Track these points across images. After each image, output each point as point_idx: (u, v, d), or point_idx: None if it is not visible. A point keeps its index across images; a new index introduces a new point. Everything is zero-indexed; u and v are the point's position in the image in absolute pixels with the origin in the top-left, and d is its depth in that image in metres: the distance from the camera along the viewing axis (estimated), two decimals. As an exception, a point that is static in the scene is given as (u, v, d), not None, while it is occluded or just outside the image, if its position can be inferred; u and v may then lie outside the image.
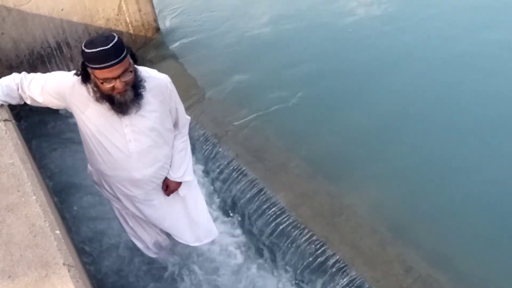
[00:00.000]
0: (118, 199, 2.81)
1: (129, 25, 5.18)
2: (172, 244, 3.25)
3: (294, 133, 3.99)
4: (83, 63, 2.24)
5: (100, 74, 2.18)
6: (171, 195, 2.83)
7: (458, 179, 3.35)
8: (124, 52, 2.18)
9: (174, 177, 2.75)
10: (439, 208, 3.18)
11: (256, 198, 3.63)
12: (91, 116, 2.41)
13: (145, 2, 5.22)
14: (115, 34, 2.23)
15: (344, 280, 2.96)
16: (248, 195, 3.71)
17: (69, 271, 1.90)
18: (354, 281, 2.92)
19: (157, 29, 5.47)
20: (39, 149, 4.46)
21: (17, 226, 2.08)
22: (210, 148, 4.19)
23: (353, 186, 3.45)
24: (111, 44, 2.13)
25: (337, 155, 3.72)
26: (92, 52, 2.13)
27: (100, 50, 2.12)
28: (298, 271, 3.21)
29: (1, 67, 4.52)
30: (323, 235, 3.20)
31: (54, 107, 2.59)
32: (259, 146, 3.98)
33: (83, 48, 2.17)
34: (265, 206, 3.54)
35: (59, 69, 4.90)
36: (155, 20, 5.42)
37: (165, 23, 5.86)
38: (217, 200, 3.88)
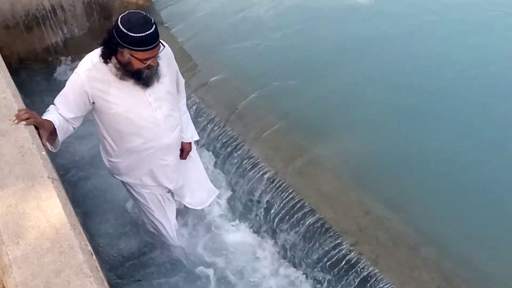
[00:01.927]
0: (150, 181, 2.89)
1: (121, -8, 5.40)
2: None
3: (272, 94, 4.23)
4: (114, 44, 2.27)
5: (143, 55, 2.29)
6: (187, 159, 3.02)
7: (410, 134, 3.63)
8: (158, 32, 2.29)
9: (186, 138, 2.92)
10: (395, 159, 3.46)
11: (235, 153, 3.90)
12: (116, 96, 2.48)
13: (137, -30, 5.44)
14: (145, 13, 2.30)
15: (310, 220, 3.23)
16: (228, 149, 3.99)
17: (52, 182, 2.15)
18: (318, 221, 3.20)
19: (148, -4, 5.71)
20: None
21: (7, 148, 2.32)
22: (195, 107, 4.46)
23: (321, 139, 3.71)
24: (154, 27, 2.24)
25: (310, 113, 3.97)
26: (140, 36, 2.22)
27: (147, 34, 2.22)
28: (271, 216, 3.49)
29: (-2, 27, 4.75)
30: (292, 183, 3.46)
31: (88, 111, 2.58)
32: (240, 105, 4.22)
33: (127, 32, 2.22)
34: (243, 159, 3.82)
35: (53, 31, 5.13)
36: (146, -12, 5.65)
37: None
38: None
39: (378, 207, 3.17)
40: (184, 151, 2.98)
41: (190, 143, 3.01)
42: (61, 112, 2.50)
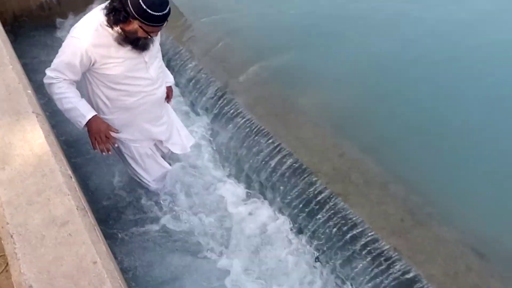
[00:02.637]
0: (140, 136, 3.07)
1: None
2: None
3: (255, 45, 4.37)
4: (127, 13, 2.39)
5: (151, 29, 2.45)
6: (168, 107, 3.19)
7: (384, 86, 3.84)
8: None
9: (169, 81, 3.12)
10: (370, 109, 3.66)
11: (219, 102, 4.06)
12: (116, 59, 2.59)
13: None
14: None
15: (287, 163, 3.40)
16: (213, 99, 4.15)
17: (36, 117, 2.34)
18: (295, 164, 3.37)
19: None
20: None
21: (-5, 87, 2.50)
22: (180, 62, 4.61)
23: (303, 90, 3.86)
24: (169, 8, 2.41)
25: (292, 63, 4.12)
26: (157, 15, 2.37)
27: (164, 14, 2.38)
28: (251, 162, 3.67)
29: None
30: (273, 130, 3.62)
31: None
32: (225, 56, 4.36)
33: (146, 8, 2.34)
34: (227, 107, 3.98)
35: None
36: None
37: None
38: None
39: (352, 151, 3.34)
40: (171, 94, 3.17)
41: (171, 86, 3.17)
42: (69, 77, 2.58)
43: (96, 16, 2.53)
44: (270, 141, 3.57)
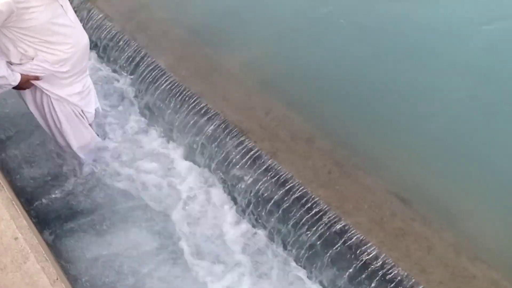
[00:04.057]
0: (71, 90, 2.92)
1: None
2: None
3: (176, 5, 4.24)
4: None
5: None
6: None
7: (307, 44, 3.87)
8: None
9: None
10: (295, 66, 3.70)
11: (141, 62, 3.92)
12: (39, 8, 2.47)
13: None
14: None
15: (214, 124, 3.36)
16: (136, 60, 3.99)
17: None
18: (222, 124, 3.34)
19: None
20: None
21: None
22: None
23: (226, 50, 3.81)
24: None
25: (214, 24, 4.04)
26: None
27: None
28: (176, 123, 3.60)
29: None
30: (198, 91, 3.55)
31: None
32: (144, 18, 4.19)
33: None
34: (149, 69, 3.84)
35: None
36: None
37: None
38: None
39: (279, 108, 3.35)
40: None
41: None
42: None
43: None
44: (196, 102, 3.50)
